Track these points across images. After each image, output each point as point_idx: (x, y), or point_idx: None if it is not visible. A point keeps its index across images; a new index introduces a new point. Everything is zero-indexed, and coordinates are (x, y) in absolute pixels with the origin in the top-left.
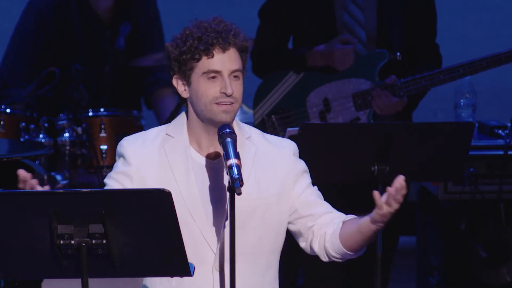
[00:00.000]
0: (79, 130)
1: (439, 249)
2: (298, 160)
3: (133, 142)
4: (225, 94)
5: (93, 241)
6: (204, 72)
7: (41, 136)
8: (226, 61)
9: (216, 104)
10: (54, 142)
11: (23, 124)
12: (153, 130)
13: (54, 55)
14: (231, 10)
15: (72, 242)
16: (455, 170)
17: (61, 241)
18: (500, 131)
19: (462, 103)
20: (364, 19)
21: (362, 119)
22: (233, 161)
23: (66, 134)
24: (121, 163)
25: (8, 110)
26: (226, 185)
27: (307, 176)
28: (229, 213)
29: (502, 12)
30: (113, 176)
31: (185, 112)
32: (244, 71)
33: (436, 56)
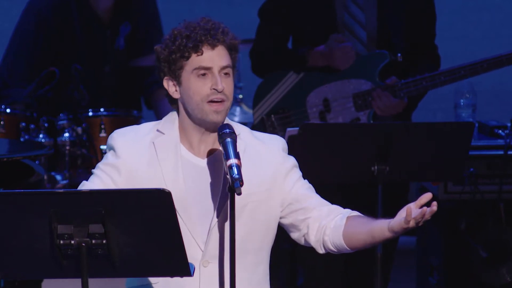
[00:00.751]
0: (79, 130)
1: (439, 249)
2: (287, 156)
3: (124, 135)
4: (216, 91)
5: (93, 241)
6: (195, 69)
7: (41, 136)
8: (216, 58)
9: (208, 104)
10: (54, 142)
11: (23, 124)
12: (145, 125)
13: (54, 55)
14: (231, 10)
15: (72, 242)
16: (455, 170)
17: (61, 241)
18: (500, 131)
19: (462, 103)
20: (365, 19)
21: (362, 120)
22: (233, 161)
23: (66, 134)
24: (111, 155)
25: (8, 110)
26: (216, 183)
27: (297, 171)
28: (229, 213)
29: (502, 12)
30: (102, 167)
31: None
32: (235, 70)
33: (435, 57)
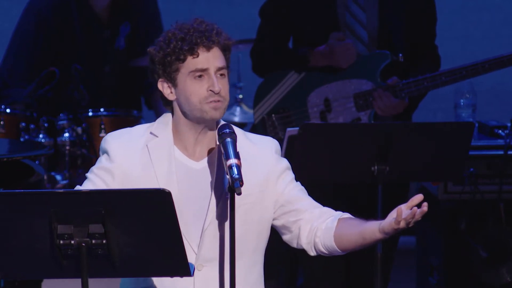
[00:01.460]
0: (79, 130)
1: (439, 249)
2: (280, 158)
3: (118, 139)
4: (213, 92)
5: (93, 241)
6: (191, 71)
7: (41, 136)
8: (211, 59)
9: (207, 103)
10: (54, 142)
11: (23, 124)
12: (139, 128)
13: (54, 55)
14: (231, 10)
15: (72, 242)
16: (455, 170)
17: (61, 241)
18: (500, 131)
19: (462, 103)
20: (366, 19)
21: (363, 120)
22: (233, 161)
23: (66, 134)
24: (105, 159)
25: (8, 110)
26: (209, 186)
27: (290, 173)
28: (229, 213)
29: (502, 12)
30: (95, 171)
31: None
32: (229, 70)
33: (435, 57)
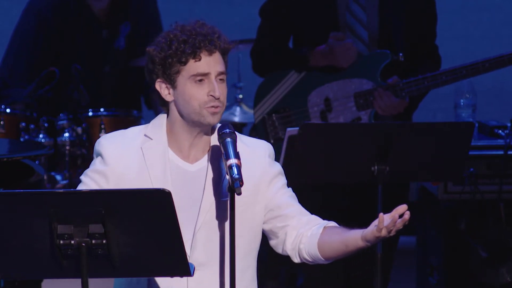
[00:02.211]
0: (79, 130)
1: (439, 249)
2: (273, 162)
3: (112, 141)
4: (214, 97)
5: (93, 241)
6: (192, 75)
7: (41, 136)
8: (213, 64)
9: (205, 108)
10: (54, 142)
11: (23, 124)
12: (132, 130)
13: (54, 55)
14: (231, 10)
15: (72, 242)
16: (455, 170)
17: (61, 241)
18: (500, 131)
19: (462, 103)
20: (366, 19)
21: (364, 119)
22: (233, 161)
23: (66, 134)
24: (99, 162)
25: (8, 110)
26: (203, 188)
27: (282, 178)
28: (229, 214)
29: (502, 12)
30: (90, 175)
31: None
32: (227, 73)
33: (436, 57)
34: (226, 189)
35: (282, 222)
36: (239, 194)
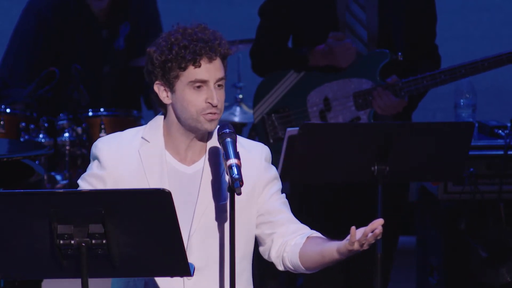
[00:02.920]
0: (79, 130)
1: (439, 249)
2: (270, 166)
3: (108, 145)
4: (211, 105)
5: (93, 241)
6: (191, 81)
7: (41, 136)
8: (213, 71)
9: (203, 115)
10: (54, 142)
11: (23, 124)
12: (129, 132)
13: (54, 55)
14: (231, 10)
15: (72, 242)
16: (455, 170)
17: (61, 241)
18: (500, 131)
19: (462, 103)
20: (366, 19)
21: (363, 119)
22: (233, 161)
23: (66, 134)
24: (96, 166)
25: (8, 110)
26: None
27: (277, 183)
28: (229, 213)
29: (502, 12)
30: (87, 179)
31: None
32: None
33: (435, 57)
34: (226, 189)
35: (270, 229)
36: (239, 194)
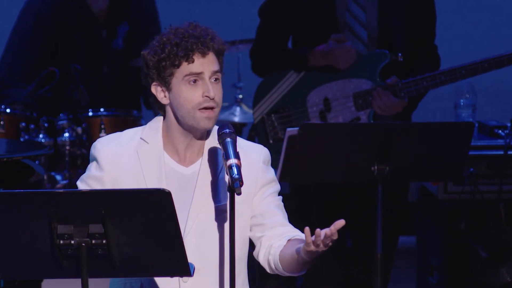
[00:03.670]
0: (79, 130)
1: (439, 249)
2: (268, 169)
3: (107, 145)
4: (208, 98)
5: (93, 241)
6: (186, 75)
7: (41, 136)
8: (206, 64)
9: (200, 111)
10: (54, 142)
11: (23, 124)
12: (128, 133)
13: (53, 55)
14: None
15: (72, 242)
16: (455, 170)
17: (61, 241)
18: (500, 131)
19: (462, 103)
20: (366, 19)
21: (363, 119)
22: (233, 161)
23: (66, 134)
24: (94, 168)
25: (8, 110)
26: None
27: (274, 186)
28: (229, 214)
29: (502, 12)
30: (85, 180)
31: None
32: (223, 73)
33: (435, 57)
34: (226, 189)
35: (260, 232)
36: (239, 194)
